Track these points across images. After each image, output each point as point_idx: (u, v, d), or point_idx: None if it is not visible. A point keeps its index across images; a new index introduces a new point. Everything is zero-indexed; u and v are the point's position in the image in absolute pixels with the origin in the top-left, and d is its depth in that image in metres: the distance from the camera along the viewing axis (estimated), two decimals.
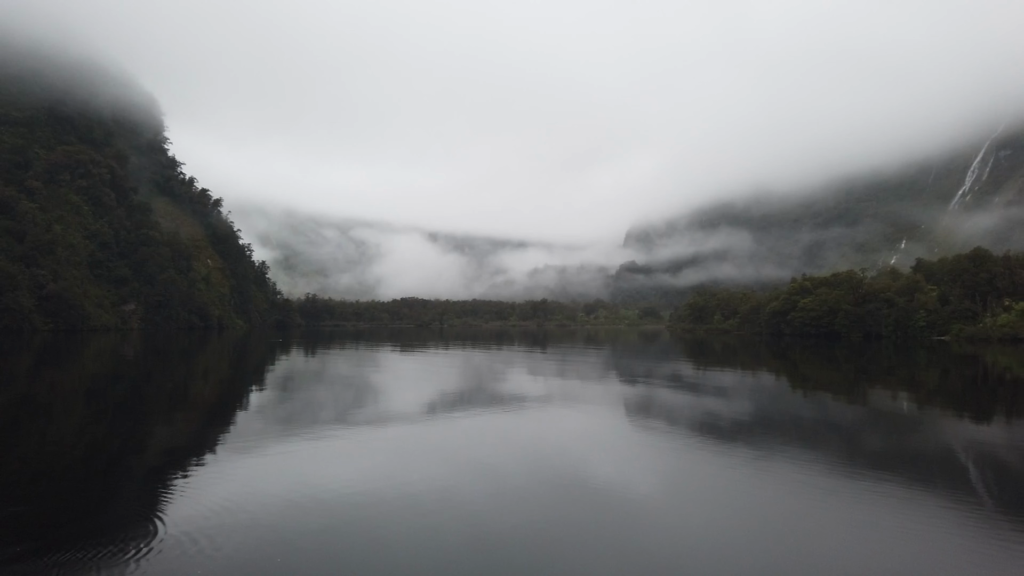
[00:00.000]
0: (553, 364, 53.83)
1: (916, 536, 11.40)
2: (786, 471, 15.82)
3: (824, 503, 13.31)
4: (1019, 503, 13.72)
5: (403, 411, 25.38)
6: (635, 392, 34.01)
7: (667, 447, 18.97)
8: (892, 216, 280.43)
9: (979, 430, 22.75)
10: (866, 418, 25.69)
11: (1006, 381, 40.23)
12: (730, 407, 27.58)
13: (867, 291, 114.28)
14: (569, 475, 15.61)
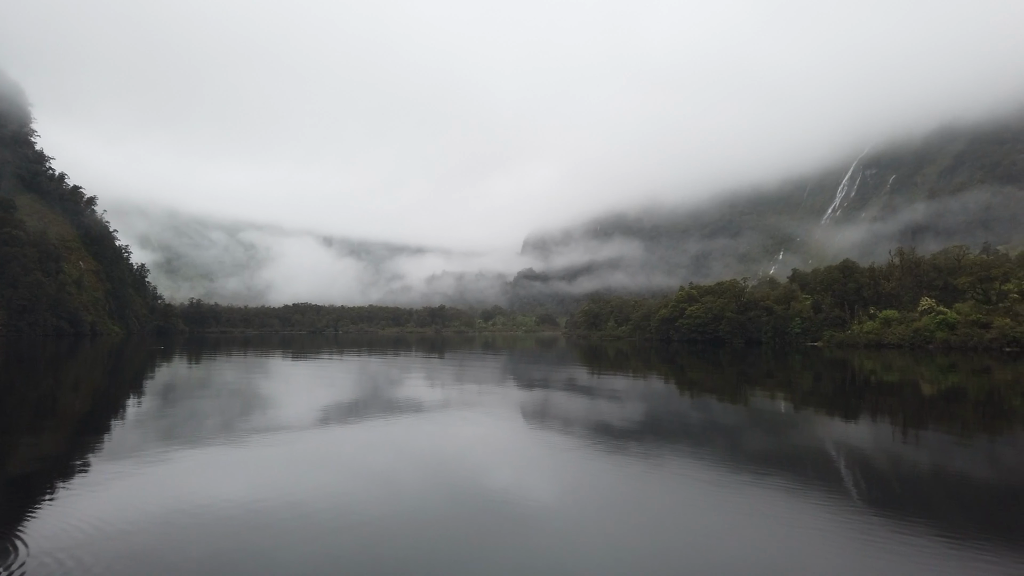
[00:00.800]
0: (451, 370, 53.62)
1: (794, 527, 12.08)
2: (676, 470, 16.41)
3: (711, 500, 13.88)
4: (882, 497, 14.79)
5: (294, 421, 24.54)
6: (532, 398, 34.37)
7: (563, 451, 19.25)
8: (771, 229, 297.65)
9: (847, 429, 24.40)
10: (748, 419, 27.04)
11: (871, 384, 43.42)
12: (623, 411, 28.34)
13: (748, 299, 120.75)
14: (467, 483, 15.54)
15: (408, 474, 16.31)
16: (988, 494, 14.77)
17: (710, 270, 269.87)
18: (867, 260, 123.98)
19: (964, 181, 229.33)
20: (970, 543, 11.23)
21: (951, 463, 17.92)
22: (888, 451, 19.81)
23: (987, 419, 26.58)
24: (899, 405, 31.38)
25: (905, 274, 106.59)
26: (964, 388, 39.19)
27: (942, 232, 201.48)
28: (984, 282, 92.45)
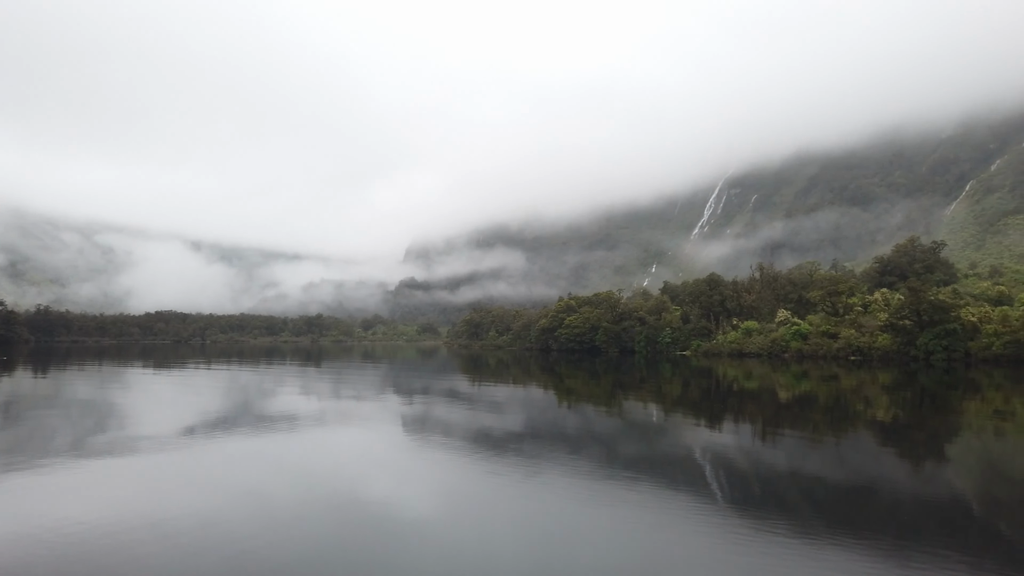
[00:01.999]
0: (328, 381, 52.17)
1: (664, 528, 12.62)
2: (553, 477, 16.74)
3: (587, 504, 14.26)
4: (744, 497, 15.73)
5: (156, 436, 23.03)
6: (412, 408, 34.02)
7: (443, 461, 19.17)
8: (645, 242, 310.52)
9: (712, 434, 25.79)
10: (622, 426, 28.02)
11: (733, 391, 46.14)
12: (502, 420, 28.60)
13: (623, 310, 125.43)
14: (345, 496, 15.15)
15: (281, 489, 15.70)
16: (837, 492, 16.03)
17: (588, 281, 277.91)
18: (731, 274, 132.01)
19: (817, 202, 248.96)
20: (823, 537, 12.14)
21: (804, 464, 19.32)
22: (749, 454, 21.09)
23: (835, 423, 28.87)
24: (758, 410, 33.49)
25: (765, 287, 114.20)
26: (815, 394, 42.38)
27: (797, 249, 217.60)
28: (832, 296, 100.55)
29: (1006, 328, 73.09)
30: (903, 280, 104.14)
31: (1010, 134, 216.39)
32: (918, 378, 53.52)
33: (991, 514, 14.29)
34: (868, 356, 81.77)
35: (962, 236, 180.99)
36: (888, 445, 23.27)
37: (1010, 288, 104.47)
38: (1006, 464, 20.08)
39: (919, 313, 76.81)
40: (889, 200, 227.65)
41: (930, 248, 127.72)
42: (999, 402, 36.77)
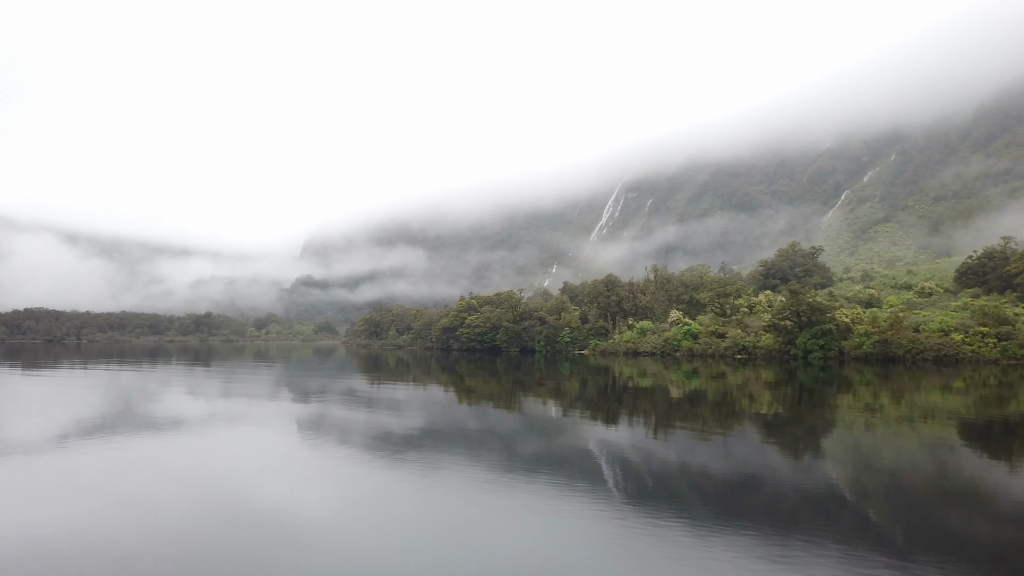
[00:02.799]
0: (217, 382, 49.99)
1: (562, 522, 12.84)
2: (453, 476, 16.71)
3: (487, 502, 14.33)
4: (637, 490, 16.24)
5: (25, 441, 21.37)
6: (308, 410, 33.11)
7: (341, 463, 18.77)
8: (546, 243, 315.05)
9: (608, 430, 26.49)
10: (521, 424, 28.32)
11: (629, 389, 47.56)
12: (402, 420, 28.30)
13: (524, 310, 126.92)
14: (236, 502, 14.56)
15: (166, 495, 14.91)
16: (724, 484, 16.80)
17: (490, 281, 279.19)
18: (628, 275, 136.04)
19: (708, 208, 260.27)
20: (711, 528, 12.70)
21: (694, 458, 20.15)
22: (642, 449, 21.79)
23: (722, 418, 30.26)
24: (652, 407, 34.67)
25: (659, 289, 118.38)
26: (704, 391, 44.28)
27: (690, 252, 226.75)
28: (721, 297, 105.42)
29: (875, 329, 78.89)
30: (785, 283, 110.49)
31: (881, 148, 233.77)
32: (797, 375, 56.89)
33: (861, 502, 15.37)
34: (753, 354, 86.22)
35: (838, 242, 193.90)
36: (770, 439, 24.61)
37: (879, 291, 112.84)
38: (875, 455, 21.65)
39: (799, 314, 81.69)
40: (773, 207, 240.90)
41: (809, 253, 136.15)
42: (868, 398, 39.62)
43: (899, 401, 37.60)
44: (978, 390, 42.95)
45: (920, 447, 23.02)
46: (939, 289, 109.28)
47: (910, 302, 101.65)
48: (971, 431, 26.20)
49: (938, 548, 11.82)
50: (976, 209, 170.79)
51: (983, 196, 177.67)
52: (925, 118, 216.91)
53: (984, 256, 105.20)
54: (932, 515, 14.27)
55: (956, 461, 20.38)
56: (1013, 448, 22.52)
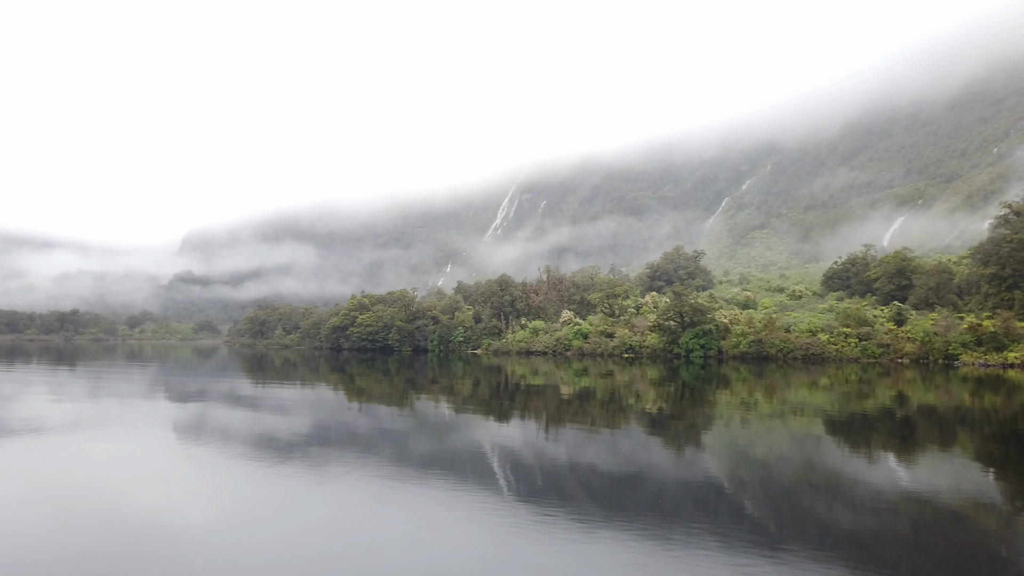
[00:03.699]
0: (84, 384, 46.62)
1: (453, 522, 12.79)
2: (343, 479, 16.31)
3: (377, 505, 14.07)
4: (528, 488, 16.42)
5: None
6: (186, 412, 31.42)
7: (223, 468, 17.92)
8: (441, 242, 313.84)
9: (501, 429, 26.66)
10: (414, 424, 28.05)
11: (521, 388, 48.10)
12: (288, 422, 27.38)
13: (417, 309, 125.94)
14: (105, 509, 13.60)
15: (28, 505, 13.72)
16: (611, 480, 17.26)
17: (383, 279, 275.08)
18: (522, 275, 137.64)
19: (598, 211, 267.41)
20: (598, 522, 13.01)
21: (583, 455, 20.60)
22: (533, 447, 22.08)
23: (610, 415, 31.13)
24: (543, 405, 35.21)
25: (551, 289, 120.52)
26: (593, 389, 45.42)
27: (581, 253, 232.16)
28: (610, 298, 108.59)
29: (751, 329, 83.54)
30: (670, 285, 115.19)
31: (758, 158, 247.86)
32: (680, 373, 59.38)
33: (737, 493, 16.19)
34: (639, 353, 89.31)
35: (718, 246, 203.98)
36: (654, 435, 25.53)
37: (755, 294, 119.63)
38: (749, 449, 22.88)
39: (682, 315, 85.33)
40: (659, 212, 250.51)
41: (692, 257, 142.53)
42: (744, 394, 41.87)
43: (772, 397, 39.97)
44: (841, 387, 46.30)
45: (790, 440, 24.54)
46: (808, 292, 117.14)
47: (782, 304, 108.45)
48: (835, 425, 28.18)
49: (805, 535, 12.62)
50: (841, 218, 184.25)
51: (848, 206, 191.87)
52: (798, 132, 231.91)
53: (848, 262, 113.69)
54: (800, 504, 15.22)
55: (821, 453, 21.86)
56: (871, 440, 24.39)
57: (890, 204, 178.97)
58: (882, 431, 26.44)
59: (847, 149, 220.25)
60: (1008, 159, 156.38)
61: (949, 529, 13.37)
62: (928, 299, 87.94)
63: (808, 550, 11.50)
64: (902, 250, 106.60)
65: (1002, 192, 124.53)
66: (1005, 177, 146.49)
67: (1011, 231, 78.94)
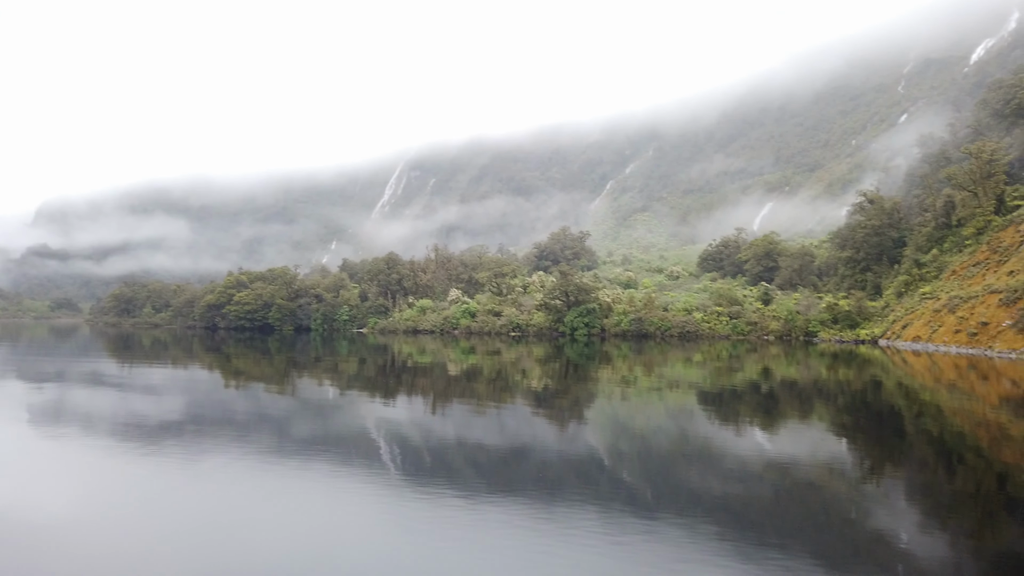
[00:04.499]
0: None
1: (337, 505, 12.54)
2: (220, 464, 15.61)
3: (257, 491, 13.55)
4: (415, 468, 16.35)
5: None
6: (42, 396, 29.06)
7: (85, 455, 16.71)
8: (326, 218, 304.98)
9: (387, 409, 26.38)
10: (296, 406, 27.24)
11: (408, 367, 47.76)
12: (160, 406, 25.92)
13: (300, 287, 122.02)
14: None
15: None
16: (497, 456, 17.47)
17: (264, 256, 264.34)
18: (410, 254, 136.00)
19: (487, 190, 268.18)
20: (483, 497, 13.13)
21: (470, 432, 20.72)
22: (420, 425, 22.00)
23: (496, 393, 31.48)
24: (430, 384, 35.13)
25: (439, 268, 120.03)
26: (480, 367, 45.76)
27: (470, 232, 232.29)
28: (498, 277, 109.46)
29: (632, 308, 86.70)
30: (556, 264, 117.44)
31: (641, 143, 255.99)
32: (564, 351, 60.85)
33: (617, 465, 16.81)
34: (526, 332, 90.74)
35: (602, 228, 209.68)
36: (540, 411, 26.06)
37: (636, 274, 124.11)
38: (629, 422, 23.79)
39: (567, 294, 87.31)
40: (547, 192, 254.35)
41: (578, 237, 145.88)
42: (625, 370, 43.46)
43: (650, 373, 41.72)
44: (713, 362, 48.96)
45: (666, 414, 25.72)
46: (685, 273, 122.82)
47: (661, 284, 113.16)
48: (707, 399, 29.77)
49: (679, 503, 13.28)
50: (717, 202, 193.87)
51: (722, 191, 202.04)
52: (678, 119, 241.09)
53: (721, 244, 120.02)
54: (675, 474, 16.00)
55: (695, 425, 23.05)
56: (739, 413, 25.95)
57: (760, 190, 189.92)
58: (749, 404, 28.20)
59: (723, 137, 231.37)
60: (864, 151, 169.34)
61: (806, 494, 14.45)
62: (792, 280, 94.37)
63: (681, 516, 12.10)
64: (770, 234, 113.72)
65: (858, 181, 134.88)
66: (862, 167, 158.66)
67: (865, 218, 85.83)
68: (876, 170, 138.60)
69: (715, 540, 10.78)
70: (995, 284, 58.99)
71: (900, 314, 70.67)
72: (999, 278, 59.84)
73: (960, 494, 14.19)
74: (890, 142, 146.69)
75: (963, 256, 70.78)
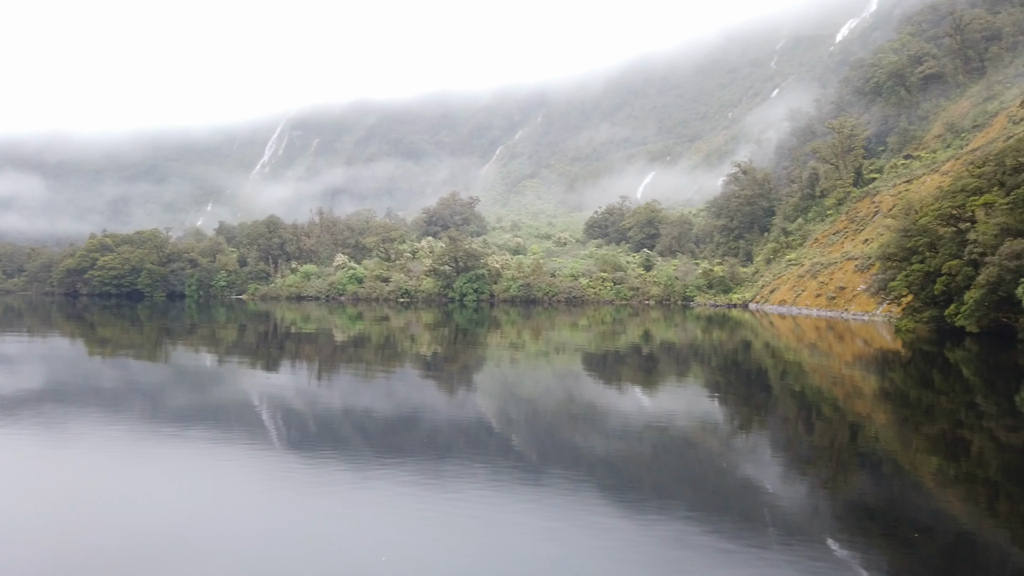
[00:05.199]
0: None
1: (221, 477, 12.03)
2: (86, 438, 14.60)
3: (130, 463, 12.79)
4: (300, 437, 15.95)
5: None
6: None
7: None
8: (200, 178, 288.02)
9: (270, 377, 25.54)
10: (170, 376, 25.86)
11: (292, 334, 46.35)
12: (13, 379, 23.89)
13: (172, 251, 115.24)
14: None
15: None
16: (385, 423, 17.32)
17: (132, 217, 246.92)
18: (293, 217, 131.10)
19: (375, 152, 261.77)
20: (372, 464, 12.98)
21: (358, 400, 20.42)
22: (306, 394, 21.45)
23: (385, 360, 31.14)
24: (315, 352, 34.27)
25: (324, 232, 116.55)
26: (368, 334, 45.09)
27: (357, 196, 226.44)
28: (386, 242, 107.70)
29: (520, 274, 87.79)
30: (445, 230, 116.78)
31: (530, 109, 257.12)
32: (454, 317, 60.94)
33: (505, 428, 17.08)
34: (415, 298, 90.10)
35: (492, 194, 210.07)
36: (429, 377, 26.03)
37: (525, 240, 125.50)
38: (517, 386, 24.20)
39: (456, 260, 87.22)
40: (437, 156, 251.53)
41: (467, 203, 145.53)
42: (513, 335, 44.09)
43: (538, 338, 42.53)
44: (598, 327, 50.51)
45: (553, 377, 26.35)
46: (572, 239, 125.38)
47: (549, 250, 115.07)
48: (592, 361, 30.73)
49: (564, 462, 13.67)
50: (603, 170, 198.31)
51: (608, 160, 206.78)
52: (566, 86, 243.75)
53: (606, 212, 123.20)
54: (560, 435, 16.44)
55: (580, 388, 23.75)
56: (622, 374, 26.95)
57: (644, 159, 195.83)
58: (631, 366, 29.34)
59: (609, 106, 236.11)
60: (740, 123, 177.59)
61: (682, 448, 15.26)
62: (672, 247, 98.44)
63: (566, 474, 12.48)
64: (652, 202, 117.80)
65: (733, 153, 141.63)
66: (736, 140, 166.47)
67: (739, 188, 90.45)
68: (750, 142, 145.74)
69: (598, 497, 11.20)
70: (852, 251, 63.97)
71: (768, 279, 75.42)
72: (855, 246, 64.91)
73: (817, 447, 15.41)
74: (763, 115, 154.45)
75: (825, 225, 76.20)
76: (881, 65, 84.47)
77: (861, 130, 78.79)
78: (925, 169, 66.20)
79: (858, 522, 10.38)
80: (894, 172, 72.71)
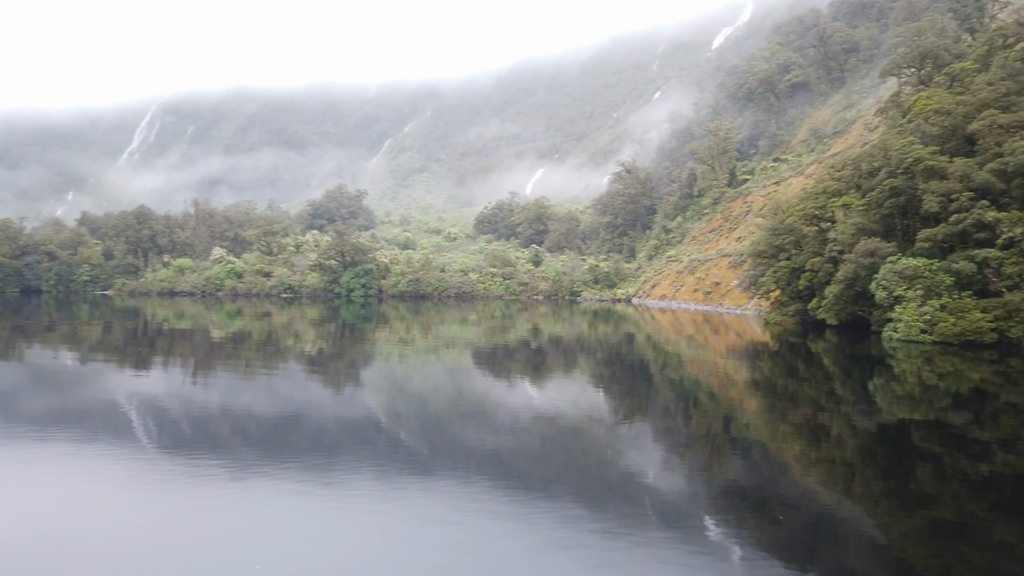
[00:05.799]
0: None
1: (79, 485, 11.14)
2: None
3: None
4: (174, 441, 15.04)
5: None
6: None
7: None
8: (60, 165, 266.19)
9: (139, 379, 23.98)
10: (24, 378, 23.76)
11: (164, 332, 43.74)
12: None
13: (27, 243, 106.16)
14: None
15: None
16: (267, 424, 16.63)
17: None
18: (165, 208, 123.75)
19: (256, 141, 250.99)
20: (250, 468, 12.41)
21: (237, 401, 19.51)
22: (179, 395, 20.28)
23: (267, 358, 29.96)
24: (190, 350, 32.51)
25: (200, 224, 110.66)
26: (249, 331, 43.24)
27: (236, 186, 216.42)
28: (268, 235, 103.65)
29: (410, 269, 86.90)
30: (331, 223, 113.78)
31: (420, 102, 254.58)
32: (341, 313, 59.51)
33: (394, 426, 16.83)
34: (299, 293, 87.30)
35: (381, 187, 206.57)
36: (314, 374, 25.27)
37: (415, 235, 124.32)
38: (406, 383, 23.91)
39: (343, 254, 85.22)
40: (322, 147, 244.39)
41: (355, 196, 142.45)
42: (402, 331, 43.57)
43: (427, 334, 42.24)
44: (487, 322, 50.78)
45: (443, 373, 26.23)
46: (463, 235, 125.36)
47: (439, 245, 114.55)
48: (481, 356, 30.83)
49: (454, 458, 13.62)
50: (492, 166, 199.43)
51: (498, 155, 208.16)
52: (456, 80, 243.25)
53: (496, 207, 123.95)
54: (450, 431, 16.38)
55: (470, 383, 23.77)
56: (511, 369, 27.20)
57: (533, 156, 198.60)
58: (520, 360, 29.68)
59: (499, 102, 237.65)
60: (624, 123, 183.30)
61: (569, 440, 15.56)
62: (560, 243, 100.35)
63: (456, 471, 12.43)
64: (541, 199, 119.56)
65: (618, 152, 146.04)
66: (621, 139, 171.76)
67: (623, 186, 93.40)
68: (634, 142, 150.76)
69: (487, 490, 11.22)
70: (726, 249, 67.52)
71: (650, 275, 78.41)
72: (729, 243, 68.55)
73: (694, 435, 16.15)
74: (646, 116, 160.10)
75: (702, 223, 80.00)
76: (753, 72, 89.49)
77: (735, 133, 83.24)
78: (791, 172, 70.83)
79: (731, 503, 10.94)
80: (764, 174, 77.30)
